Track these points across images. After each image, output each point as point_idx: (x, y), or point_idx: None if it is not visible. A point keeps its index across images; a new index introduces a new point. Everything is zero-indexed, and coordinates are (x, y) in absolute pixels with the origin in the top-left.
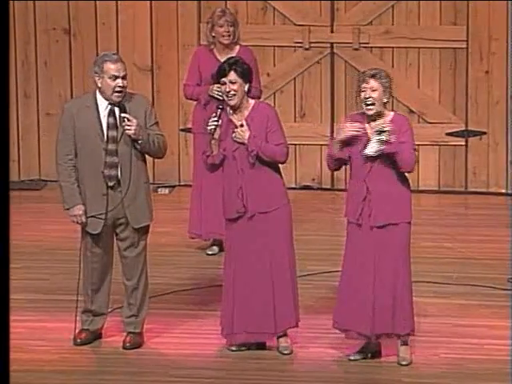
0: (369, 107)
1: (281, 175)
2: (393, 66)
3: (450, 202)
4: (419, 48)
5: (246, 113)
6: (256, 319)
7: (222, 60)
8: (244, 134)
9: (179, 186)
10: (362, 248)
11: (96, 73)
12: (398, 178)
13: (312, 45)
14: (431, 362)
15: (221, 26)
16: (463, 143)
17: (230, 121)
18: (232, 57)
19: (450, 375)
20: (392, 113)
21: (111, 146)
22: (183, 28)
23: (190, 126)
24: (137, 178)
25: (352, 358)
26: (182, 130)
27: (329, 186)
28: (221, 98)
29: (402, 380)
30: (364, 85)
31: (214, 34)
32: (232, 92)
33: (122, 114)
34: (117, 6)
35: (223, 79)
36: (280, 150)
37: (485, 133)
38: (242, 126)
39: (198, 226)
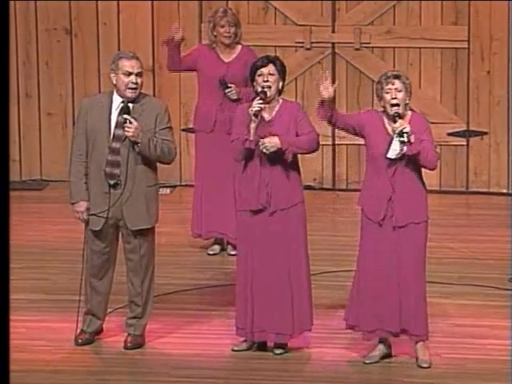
0: (394, 108)
1: (300, 173)
2: (394, 66)
3: (451, 202)
4: (420, 48)
5: (275, 111)
6: (274, 319)
7: (224, 59)
8: (273, 140)
9: (180, 185)
10: (383, 247)
11: (112, 70)
12: (418, 177)
13: (313, 45)
14: (432, 362)
15: (222, 27)
16: (464, 143)
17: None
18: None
19: (451, 375)
20: (410, 112)
21: (115, 145)
22: (184, 28)
23: (191, 125)
24: (136, 180)
25: (368, 361)
26: (183, 130)
27: (330, 186)
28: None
29: (402, 380)
30: (389, 86)
31: (215, 34)
32: (268, 83)
33: (124, 116)
34: (118, 5)
35: (261, 69)
36: (313, 136)
37: (486, 133)
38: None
39: (199, 225)
